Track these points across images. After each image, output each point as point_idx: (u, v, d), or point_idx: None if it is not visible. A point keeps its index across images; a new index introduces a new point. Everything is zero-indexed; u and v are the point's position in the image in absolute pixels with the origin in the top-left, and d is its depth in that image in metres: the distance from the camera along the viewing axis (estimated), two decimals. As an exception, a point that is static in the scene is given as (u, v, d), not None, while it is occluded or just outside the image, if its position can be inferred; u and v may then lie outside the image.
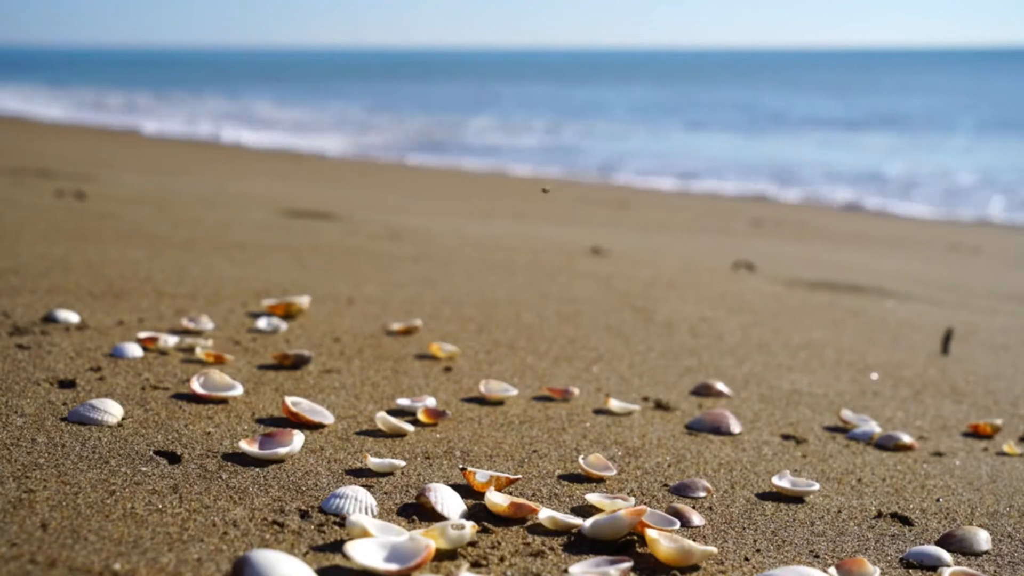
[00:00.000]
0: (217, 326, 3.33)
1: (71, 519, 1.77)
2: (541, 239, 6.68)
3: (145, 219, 5.74)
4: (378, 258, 5.13)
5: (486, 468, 2.29)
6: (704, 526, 2.08)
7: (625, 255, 6.12)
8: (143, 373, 2.72)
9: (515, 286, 4.63)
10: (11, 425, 2.22)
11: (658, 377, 3.26)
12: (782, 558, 1.96)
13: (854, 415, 2.93)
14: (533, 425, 2.64)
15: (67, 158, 10.69)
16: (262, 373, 2.86)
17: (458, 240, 6.16)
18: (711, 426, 2.73)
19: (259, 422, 2.44)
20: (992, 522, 2.25)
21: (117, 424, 2.30)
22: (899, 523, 2.20)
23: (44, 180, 7.67)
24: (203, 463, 2.13)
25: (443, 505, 1.98)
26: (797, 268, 6.23)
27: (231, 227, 5.79)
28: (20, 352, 2.79)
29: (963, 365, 3.82)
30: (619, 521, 1.91)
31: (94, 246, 4.61)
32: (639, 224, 8.91)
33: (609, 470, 2.30)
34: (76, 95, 35.20)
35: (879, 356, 3.84)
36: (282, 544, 1.77)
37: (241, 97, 36.41)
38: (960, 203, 13.50)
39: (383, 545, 1.73)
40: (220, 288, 3.93)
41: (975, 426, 2.96)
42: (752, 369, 3.47)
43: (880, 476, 2.49)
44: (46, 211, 5.66)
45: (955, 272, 6.96)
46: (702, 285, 5.14)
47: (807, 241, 8.48)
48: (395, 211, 7.91)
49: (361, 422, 2.52)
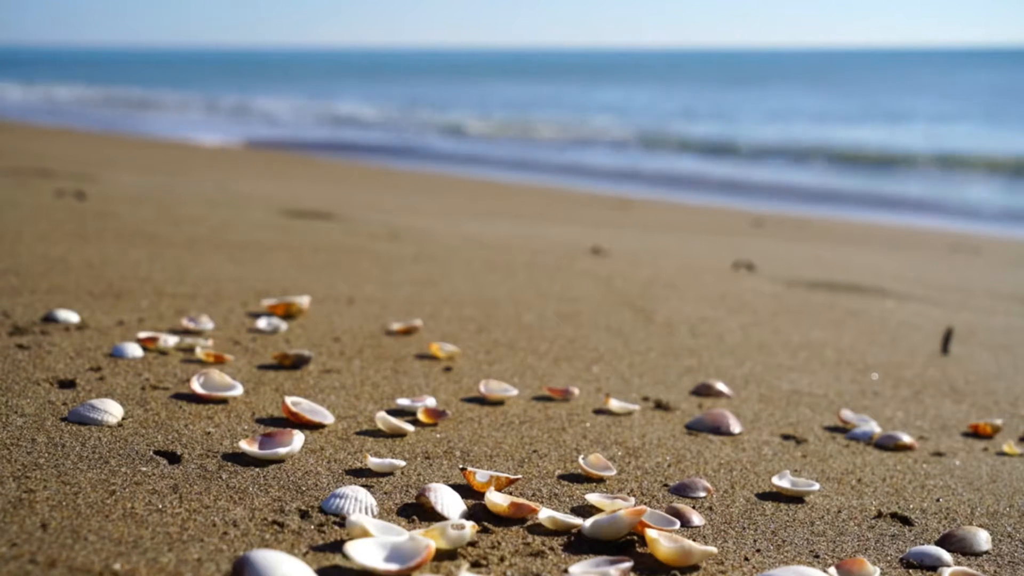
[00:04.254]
0: (217, 326, 3.33)
1: (71, 519, 1.77)
2: (541, 239, 6.68)
3: (145, 219, 5.74)
4: (378, 258, 5.13)
5: (486, 468, 2.29)
6: (704, 526, 2.08)
7: (625, 255, 6.12)
8: (143, 373, 2.72)
9: (515, 286, 4.63)
10: (11, 425, 2.22)
11: (658, 377, 3.26)
12: (782, 558, 1.96)
13: (854, 415, 2.93)
14: (533, 425, 2.64)
15: (67, 158, 10.69)
16: (262, 373, 2.86)
17: (458, 240, 6.16)
18: (711, 426, 2.73)
19: (259, 422, 2.44)
20: (992, 522, 2.25)
21: (117, 424, 2.30)
22: (899, 523, 2.20)
23: (44, 180, 7.67)
24: (203, 463, 2.13)
25: (443, 505, 1.98)
26: (797, 268, 6.23)
27: (231, 227, 5.79)
28: (20, 352, 2.79)
29: (963, 365, 3.82)
30: (619, 521, 1.91)
31: (94, 246, 4.61)
32: (639, 224, 8.91)
33: (609, 470, 2.30)
34: (79, 94, 35.19)
35: (879, 356, 3.84)
36: (282, 544, 1.77)
37: (237, 97, 36.37)
38: (960, 202, 13.50)
39: (383, 545, 1.73)
40: (220, 288, 3.93)
41: (975, 426, 2.96)
42: (752, 369, 3.47)
43: (880, 476, 2.49)
44: (46, 211, 5.66)
45: (955, 272, 6.96)
46: (702, 285, 5.14)
47: (807, 241, 8.48)
48: (395, 211, 7.91)
49: (361, 422, 2.52)
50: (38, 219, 5.29)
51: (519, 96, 39.63)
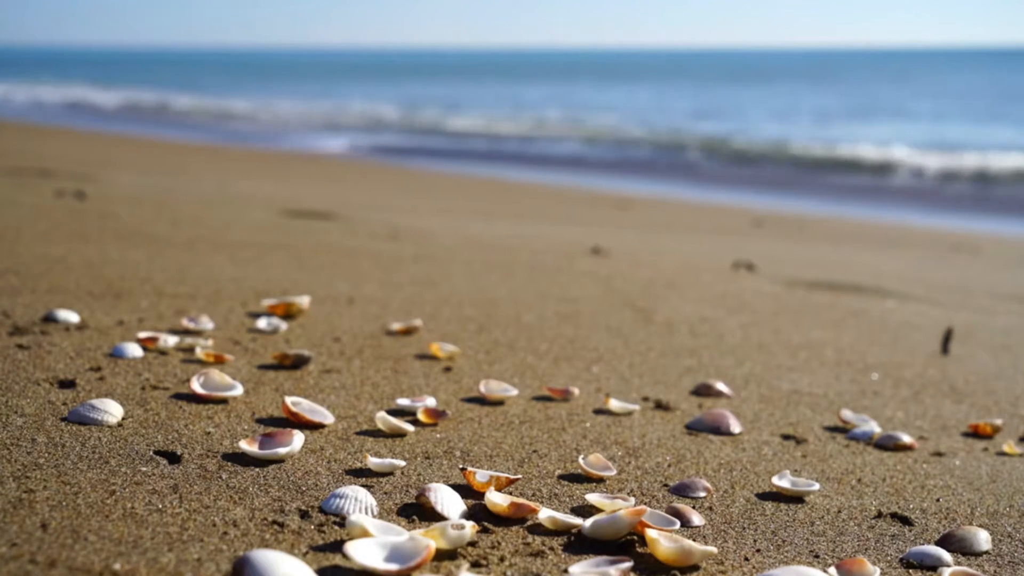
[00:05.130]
0: (217, 326, 3.33)
1: (71, 519, 1.77)
2: (541, 239, 6.68)
3: (145, 219, 5.74)
4: (378, 258, 5.13)
5: (486, 468, 2.29)
6: (704, 526, 2.08)
7: (625, 255, 6.12)
8: (143, 373, 2.72)
9: (515, 286, 4.63)
10: (11, 425, 2.22)
11: (658, 377, 3.25)
12: (782, 558, 1.96)
13: (854, 415, 2.93)
14: (533, 425, 2.64)
15: (67, 158, 10.69)
16: (262, 373, 2.86)
17: (458, 240, 6.16)
18: (711, 426, 2.73)
19: (259, 422, 2.44)
20: (992, 522, 2.25)
21: (117, 424, 2.30)
22: (899, 523, 2.20)
23: (44, 180, 7.67)
24: (203, 463, 2.13)
25: (443, 505, 1.98)
26: (797, 268, 6.23)
27: (231, 227, 5.79)
28: (20, 352, 2.79)
29: (963, 365, 3.82)
30: (619, 521, 1.91)
31: (94, 246, 4.61)
32: (639, 224, 8.91)
33: (609, 470, 2.30)
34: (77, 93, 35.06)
35: (879, 356, 3.84)
36: (282, 544, 1.77)
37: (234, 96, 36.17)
38: (961, 202, 13.51)
39: (383, 545, 1.73)
40: (220, 288, 3.93)
41: (975, 426, 2.96)
42: (752, 369, 3.47)
43: (880, 476, 2.49)
44: (46, 211, 5.66)
45: (955, 272, 6.96)
46: (702, 285, 5.14)
47: (807, 241, 8.48)
48: (395, 211, 7.91)
49: (361, 422, 2.52)
50: (38, 219, 5.29)
51: (518, 96, 39.57)
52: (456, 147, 20.77)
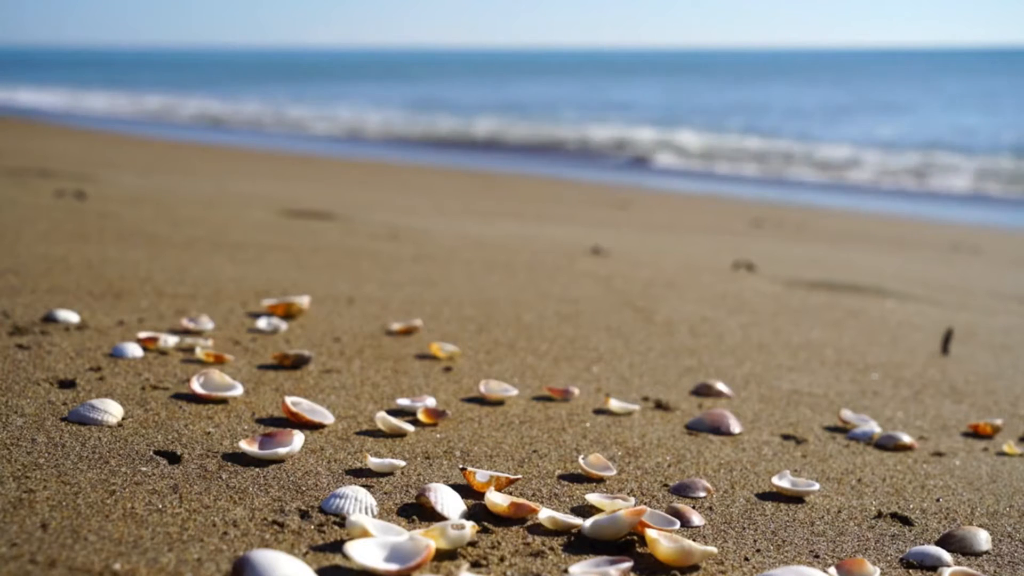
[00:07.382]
0: (217, 326, 3.33)
1: (71, 519, 1.77)
2: (541, 239, 6.68)
3: (145, 219, 5.74)
4: (378, 258, 5.13)
5: (486, 468, 2.29)
6: (704, 526, 2.08)
7: (625, 255, 6.12)
8: (143, 373, 2.72)
9: (515, 286, 4.63)
10: (11, 425, 2.22)
11: (658, 377, 3.25)
12: (782, 558, 1.96)
13: (854, 415, 2.93)
14: (533, 425, 2.64)
15: (68, 158, 10.69)
16: (262, 373, 2.86)
17: (458, 240, 6.16)
18: (711, 426, 2.73)
19: (259, 422, 2.44)
20: (992, 522, 2.25)
21: (117, 424, 2.30)
22: (899, 523, 2.20)
23: (44, 180, 7.67)
24: (203, 463, 2.13)
25: (443, 505, 1.98)
26: (797, 268, 6.23)
27: (231, 227, 5.79)
28: (20, 352, 2.79)
29: (963, 365, 3.82)
30: (619, 521, 1.91)
31: (94, 246, 4.61)
32: (639, 224, 8.91)
33: (609, 470, 2.30)
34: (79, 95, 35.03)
35: (879, 356, 3.84)
36: (282, 544, 1.77)
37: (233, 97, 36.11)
38: (961, 202, 13.51)
39: (383, 545, 1.73)
40: (220, 288, 3.93)
41: (975, 426, 2.96)
42: (752, 369, 3.47)
43: (880, 476, 2.49)
44: (46, 211, 5.66)
45: (955, 272, 6.96)
46: (702, 285, 5.14)
47: (807, 241, 8.48)
48: (395, 211, 7.91)
49: (361, 422, 2.52)
50: (38, 219, 5.29)
51: (517, 97, 39.57)
52: (456, 147, 20.76)
